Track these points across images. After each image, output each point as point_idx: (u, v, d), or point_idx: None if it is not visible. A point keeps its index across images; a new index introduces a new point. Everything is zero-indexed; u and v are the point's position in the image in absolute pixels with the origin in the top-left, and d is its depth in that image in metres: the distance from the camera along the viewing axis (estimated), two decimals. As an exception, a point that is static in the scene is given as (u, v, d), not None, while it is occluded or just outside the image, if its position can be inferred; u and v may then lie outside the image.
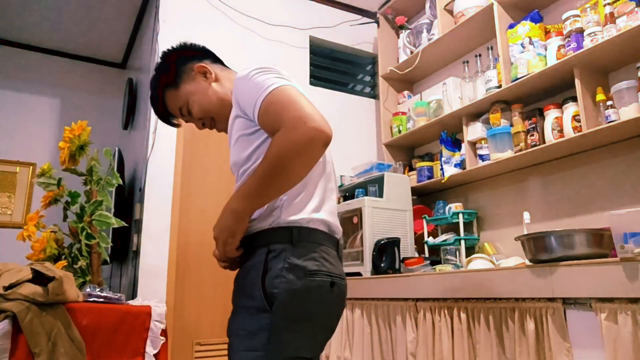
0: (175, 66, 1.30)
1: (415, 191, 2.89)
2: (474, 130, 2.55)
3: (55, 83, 4.10)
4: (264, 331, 1.03)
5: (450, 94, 2.74)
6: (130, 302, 2.06)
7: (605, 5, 1.94)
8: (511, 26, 2.37)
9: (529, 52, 2.23)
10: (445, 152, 2.72)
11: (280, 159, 1.02)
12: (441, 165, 2.74)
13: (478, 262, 2.10)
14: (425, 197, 3.02)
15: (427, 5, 3.09)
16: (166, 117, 1.37)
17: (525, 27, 2.27)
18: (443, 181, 2.68)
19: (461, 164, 2.65)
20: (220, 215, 1.10)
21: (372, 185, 2.59)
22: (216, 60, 1.37)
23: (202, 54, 1.35)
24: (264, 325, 1.03)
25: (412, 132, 2.96)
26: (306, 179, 1.12)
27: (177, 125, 1.42)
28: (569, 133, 2.06)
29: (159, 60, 1.35)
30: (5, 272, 1.73)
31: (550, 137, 2.14)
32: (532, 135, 2.22)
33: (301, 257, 1.07)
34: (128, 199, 3.09)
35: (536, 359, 1.50)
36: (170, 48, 1.35)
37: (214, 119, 1.31)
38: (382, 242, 2.37)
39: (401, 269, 2.35)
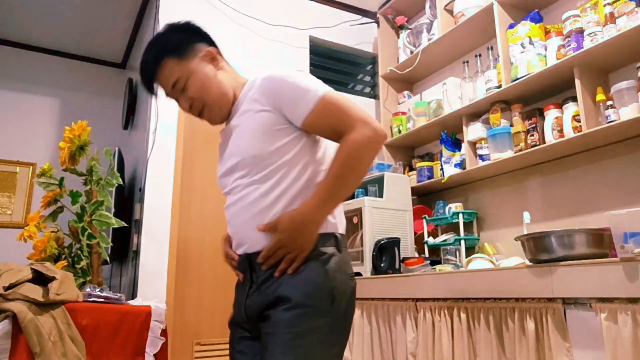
0: (182, 39, 1.25)
1: (415, 191, 2.89)
2: (474, 130, 2.55)
3: (55, 83, 4.10)
4: (317, 331, 1.06)
5: (450, 94, 2.74)
6: (130, 302, 2.06)
7: (605, 5, 1.94)
8: (511, 26, 2.37)
9: (529, 52, 2.23)
10: (445, 152, 2.72)
11: (362, 158, 1.10)
12: (441, 165, 2.74)
13: (478, 262, 2.10)
14: (425, 197, 3.02)
15: (427, 5, 3.09)
16: (150, 83, 1.27)
17: (525, 27, 2.27)
18: (443, 181, 2.68)
19: (461, 164, 2.65)
20: (299, 228, 1.08)
21: (372, 185, 2.59)
22: (219, 52, 1.32)
23: (210, 41, 1.31)
24: (320, 325, 1.06)
25: (412, 132, 2.96)
26: None
27: (154, 94, 1.31)
28: (569, 133, 2.06)
29: (165, 28, 1.28)
30: (5, 272, 1.73)
31: (550, 137, 2.14)
32: (532, 135, 2.22)
33: (344, 260, 1.15)
34: (128, 199, 3.09)
35: (536, 358, 1.50)
36: (177, 22, 1.29)
37: (206, 106, 1.24)
38: (382, 242, 2.37)
39: (401, 269, 2.35)
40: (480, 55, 2.64)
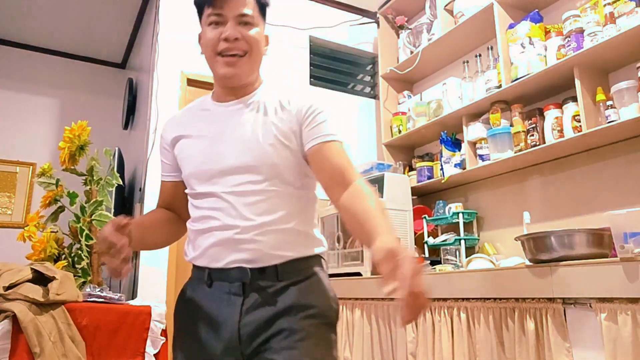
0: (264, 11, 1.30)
1: (415, 191, 2.88)
2: (474, 130, 2.55)
3: (55, 83, 4.10)
4: (334, 345, 1.12)
5: (450, 94, 2.74)
6: (130, 302, 2.06)
7: (605, 5, 1.94)
8: (511, 26, 2.37)
9: (529, 52, 2.23)
10: (445, 152, 2.72)
11: None
12: (441, 165, 2.74)
13: (478, 262, 2.10)
14: (425, 197, 3.02)
15: (427, 5, 3.09)
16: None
17: (525, 27, 2.27)
18: (443, 181, 2.68)
19: (461, 164, 2.65)
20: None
21: (372, 185, 2.59)
22: None
23: None
24: (335, 339, 1.12)
25: (412, 132, 2.96)
26: None
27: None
28: (569, 133, 2.06)
29: None
30: (5, 272, 1.73)
31: (550, 137, 2.14)
32: (532, 135, 2.22)
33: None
34: (128, 199, 3.09)
35: (536, 359, 1.50)
36: None
37: (248, 55, 1.20)
38: (382, 242, 2.36)
39: (401, 269, 2.35)
40: (480, 55, 2.64)
